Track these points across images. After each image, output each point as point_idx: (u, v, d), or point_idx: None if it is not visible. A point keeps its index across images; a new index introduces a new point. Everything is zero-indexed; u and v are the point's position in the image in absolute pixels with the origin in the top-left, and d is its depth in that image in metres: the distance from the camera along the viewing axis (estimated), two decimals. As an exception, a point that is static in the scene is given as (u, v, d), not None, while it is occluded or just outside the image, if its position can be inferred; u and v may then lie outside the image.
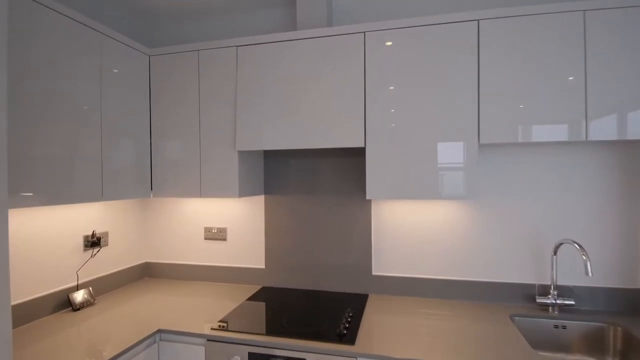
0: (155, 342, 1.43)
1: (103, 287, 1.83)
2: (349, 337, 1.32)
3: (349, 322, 1.43)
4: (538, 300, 1.60)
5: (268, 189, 1.95)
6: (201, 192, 1.71)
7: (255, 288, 1.92)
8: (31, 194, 1.23)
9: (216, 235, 2.03)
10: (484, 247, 1.70)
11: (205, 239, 2.06)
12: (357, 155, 1.83)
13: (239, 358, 1.33)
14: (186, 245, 2.09)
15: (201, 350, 1.39)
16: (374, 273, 1.82)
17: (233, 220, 2.01)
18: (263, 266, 1.97)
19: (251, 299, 1.74)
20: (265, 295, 1.80)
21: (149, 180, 1.78)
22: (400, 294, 1.77)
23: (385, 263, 1.80)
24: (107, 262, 1.88)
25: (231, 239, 2.02)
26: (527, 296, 1.65)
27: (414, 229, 1.77)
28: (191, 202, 2.08)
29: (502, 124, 1.40)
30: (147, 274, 2.15)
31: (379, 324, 1.44)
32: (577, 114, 1.34)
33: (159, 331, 1.43)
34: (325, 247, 1.87)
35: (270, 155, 1.95)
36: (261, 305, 1.65)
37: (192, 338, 1.41)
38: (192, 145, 1.73)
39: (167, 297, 1.80)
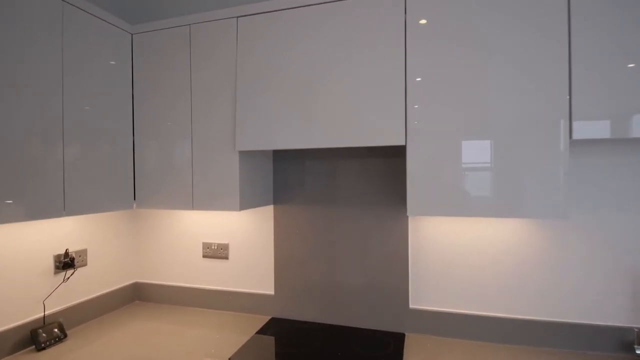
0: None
1: (79, 317, 1.52)
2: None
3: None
4: (638, 352, 1.18)
5: (278, 198, 1.59)
6: (193, 203, 1.36)
7: (262, 319, 1.56)
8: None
9: (216, 252, 1.69)
10: (562, 279, 1.28)
11: (204, 256, 1.72)
12: (390, 155, 1.44)
13: None
14: (182, 263, 1.76)
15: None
16: (411, 306, 1.43)
17: (236, 235, 1.66)
18: (272, 292, 1.61)
19: (258, 333, 1.39)
20: (274, 329, 1.44)
21: (132, 189, 1.45)
22: (448, 334, 1.38)
23: (427, 294, 1.41)
24: (85, 285, 1.57)
25: (234, 257, 1.67)
26: (622, 344, 1.23)
27: (465, 252, 1.37)
28: (187, 212, 1.74)
29: (602, 111, 0.99)
30: (137, 296, 1.83)
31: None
32: None
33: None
34: (349, 271, 1.49)
35: (280, 157, 1.58)
36: (270, 344, 1.29)
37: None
38: (182, 145, 1.38)
39: (160, 325, 1.46)
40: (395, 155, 1.43)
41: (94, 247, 1.61)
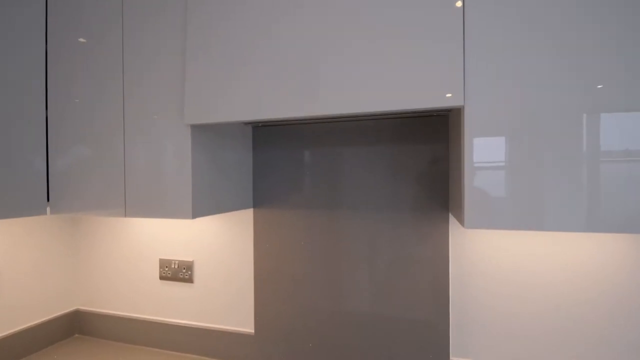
0: None
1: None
2: None
3: None
4: None
5: (260, 200, 1.14)
6: (126, 208, 0.91)
7: (237, 369, 1.11)
8: None
9: (177, 273, 1.24)
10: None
11: (162, 278, 1.27)
12: (423, 139, 0.98)
13: None
14: (133, 287, 1.31)
15: None
16: (453, 358, 0.97)
17: (204, 250, 1.21)
18: (252, 330, 1.16)
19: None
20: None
21: (44, 188, 1.00)
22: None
23: (478, 339, 0.95)
24: (4, 315, 1.13)
25: (201, 280, 1.22)
26: None
27: (535, 279, 0.91)
28: (139, 219, 1.30)
29: None
30: (77, 328, 1.38)
31: None
32: None
33: None
34: (361, 303, 1.04)
35: (262, 144, 1.13)
36: None
37: None
38: (111, 122, 0.93)
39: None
40: (428, 139, 0.97)
41: (10, 266, 1.16)
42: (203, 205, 0.88)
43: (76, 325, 1.38)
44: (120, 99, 0.91)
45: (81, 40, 0.95)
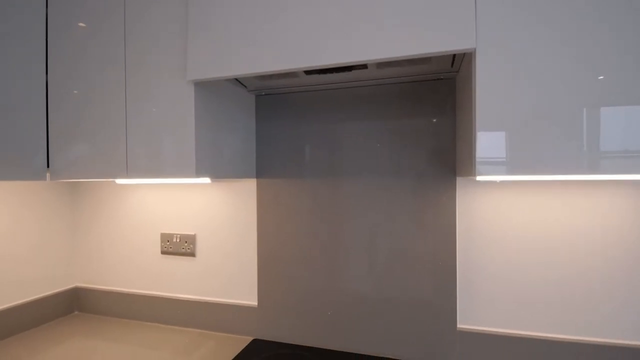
0: None
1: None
2: None
3: None
4: None
5: (263, 170, 1.12)
6: (128, 168, 0.89)
7: (241, 341, 1.09)
8: None
9: (179, 247, 1.22)
10: None
11: (163, 253, 1.25)
12: (424, 105, 0.96)
13: None
14: (134, 262, 1.29)
15: None
16: (460, 326, 0.95)
17: (206, 223, 1.19)
18: (255, 303, 1.14)
19: (227, 373, 0.91)
20: (256, 357, 0.96)
21: (44, 153, 0.98)
22: (518, 371, 0.90)
23: (485, 308, 0.93)
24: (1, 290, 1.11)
25: (203, 254, 1.20)
26: None
27: (541, 244, 0.89)
28: (139, 190, 1.28)
29: None
30: (76, 305, 1.36)
31: None
32: None
33: None
34: (365, 274, 1.02)
35: (266, 112, 1.11)
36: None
37: None
38: (112, 83, 0.91)
39: (104, 347, 0.99)
40: (436, 106, 0.95)
41: (12, 239, 1.14)
42: (206, 165, 0.87)
43: (75, 303, 1.36)
44: (122, 60, 0.90)
45: None
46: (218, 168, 0.92)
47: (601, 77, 0.58)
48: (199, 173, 0.84)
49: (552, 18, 0.60)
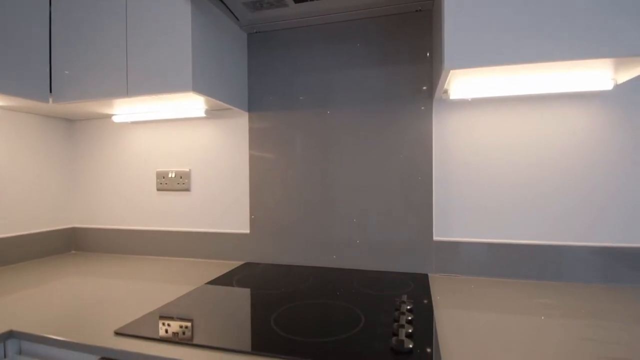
0: (5, 356, 0.70)
1: (-22, 261, 1.10)
2: (423, 356, 0.55)
3: (410, 326, 0.66)
4: None
5: (255, 102, 1.19)
6: (128, 87, 0.96)
7: (234, 265, 1.17)
8: None
9: (174, 183, 1.28)
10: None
11: (159, 190, 1.31)
12: (403, 35, 1.05)
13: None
14: (131, 200, 1.35)
15: (89, 383, 0.64)
16: (435, 238, 1.04)
17: (200, 159, 1.26)
18: (247, 230, 1.21)
19: (220, 280, 0.99)
20: (249, 275, 1.04)
21: (47, 77, 1.03)
22: (488, 273, 0.99)
23: (458, 221, 1.03)
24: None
25: (197, 188, 1.27)
26: None
27: (511, 161, 0.99)
28: (135, 129, 1.33)
29: None
30: (74, 245, 1.42)
31: (472, 331, 0.67)
32: None
33: (11, 335, 0.69)
34: (350, 197, 1.10)
35: (256, 49, 1.18)
36: (238, 294, 0.89)
37: (75, 354, 0.67)
38: (112, 3, 0.97)
39: (102, 280, 1.05)
40: (414, 36, 1.04)
41: (12, 171, 1.19)
42: (202, 83, 0.93)
43: (72, 242, 1.41)
44: (123, -15, 0.96)
45: None
46: (212, 88, 0.98)
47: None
48: (195, 88, 0.91)
49: None
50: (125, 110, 1.19)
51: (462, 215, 1.02)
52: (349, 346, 0.60)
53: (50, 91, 1.04)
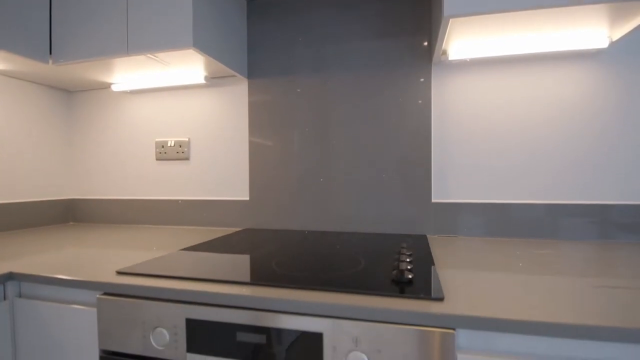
0: (5, 297, 0.70)
1: (-24, 224, 1.10)
2: (422, 285, 0.56)
3: (410, 265, 0.67)
4: None
5: (255, 69, 1.20)
6: (129, 45, 0.96)
7: (233, 231, 1.17)
8: None
9: (173, 152, 1.28)
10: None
11: (158, 159, 1.31)
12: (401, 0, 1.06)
13: (165, 332, 0.58)
14: (130, 171, 1.35)
15: (91, 316, 0.64)
16: (434, 200, 1.05)
17: (199, 127, 1.26)
18: (247, 197, 1.22)
19: (220, 239, 0.99)
20: (247, 236, 1.04)
21: (47, 37, 1.03)
22: (486, 233, 1.00)
23: (456, 183, 1.04)
24: (-11, 185, 1.15)
25: (197, 157, 1.27)
26: None
27: (508, 122, 1.00)
28: (134, 101, 1.33)
29: None
30: (72, 217, 1.41)
31: (468, 273, 0.68)
32: None
33: (11, 277, 0.69)
34: (350, 161, 1.11)
35: (255, 17, 1.19)
36: (237, 247, 0.90)
37: (76, 292, 0.67)
38: (115, -36, 0.97)
39: (100, 248, 1.05)
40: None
41: (11, 139, 1.18)
42: (203, 40, 0.94)
43: (71, 214, 1.41)
44: (124, -56, 0.96)
45: None
46: (213, 48, 0.99)
47: None
48: (196, 44, 0.91)
49: None
50: (124, 77, 1.19)
51: (460, 177, 1.03)
52: (352, 279, 0.60)
53: (50, 53, 1.04)
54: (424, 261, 0.72)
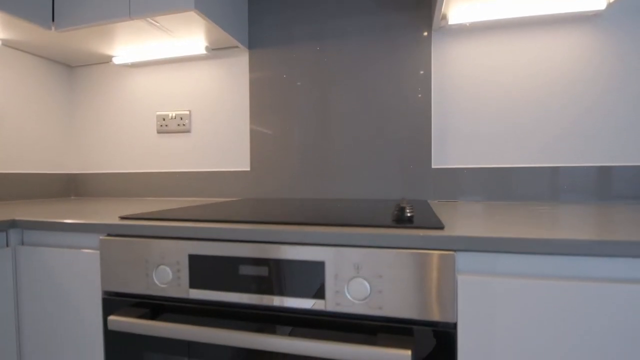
0: (7, 245, 0.70)
1: (-22, 191, 1.10)
2: (423, 221, 0.57)
3: (410, 210, 0.68)
4: None
5: (256, 39, 1.20)
6: (130, 8, 0.96)
7: (232, 200, 1.17)
8: None
9: (174, 125, 1.29)
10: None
11: (159, 132, 1.32)
12: (404, -33, 1.06)
13: (168, 270, 0.59)
14: (131, 144, 1.35)
15: (94, 258, 0.65)
16: (434, 166, 1.06)
17: (200, 100, 1.27)
18: (247, 168, 1.22)
19: (223, 202, 0.99)
20: (248, 203, 1.04)
21: (49, 4, 1.04)
22: (486, 197, 1.01)
23: (455, 148, 1.04)
24: (-9, 154, 1.15)
25: (198, 129, 1.27)
26: None
27: (507, 86, 1.01)
28: (135, 75, 1.34)
29: None
30: (74, 191, 1.42)
31: (468, 219, 0.69)
32: None
33: (14, 224, 0.69)
34: (349, 129, 1.11)
35: (258, -11, 1.19)
36: (238, 207, 0.90)
37: (78, 236, 0.67)
38: None
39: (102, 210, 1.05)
40: (412, -35, 1.06)
41: (13, 111, 1.19)
42: (205, 1, 0.95)
43: (72, 188, 1.41)
44: None
45: None
46: (215, 13, 1.00)
47: None
48: (197, 6, 0.92)
49: None
50: (125, 49, 1.19)
51: (459, 143, 1.04)
52: (354, 216, 0.61)
53: (53, 20, 1.05)
54: (425, 212, 0.72)
